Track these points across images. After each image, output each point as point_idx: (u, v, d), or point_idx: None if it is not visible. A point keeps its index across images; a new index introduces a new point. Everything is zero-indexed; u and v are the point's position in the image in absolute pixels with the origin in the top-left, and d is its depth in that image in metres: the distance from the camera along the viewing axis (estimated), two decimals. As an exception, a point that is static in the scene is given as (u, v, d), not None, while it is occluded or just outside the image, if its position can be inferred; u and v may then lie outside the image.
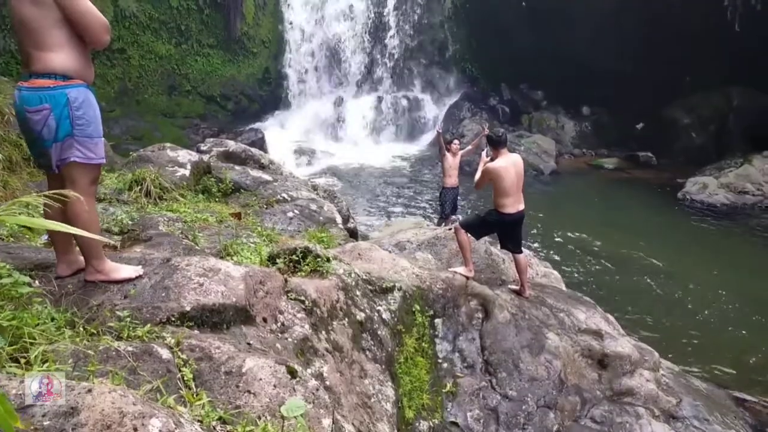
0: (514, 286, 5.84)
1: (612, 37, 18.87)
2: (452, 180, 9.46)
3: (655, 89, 18.66)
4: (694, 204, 15.18)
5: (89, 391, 1.48)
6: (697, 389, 6.02)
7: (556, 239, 12.37)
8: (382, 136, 20.83)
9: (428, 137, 20.86)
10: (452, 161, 9.45)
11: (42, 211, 4.20)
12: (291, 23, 21.29)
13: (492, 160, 5.65)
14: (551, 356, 5.16)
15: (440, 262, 5.76)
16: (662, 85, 18.59)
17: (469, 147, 10.16)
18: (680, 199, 15.46)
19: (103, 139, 2.64)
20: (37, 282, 2.71)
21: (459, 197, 10.13)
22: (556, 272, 7.47)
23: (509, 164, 5.47)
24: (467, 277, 5.39)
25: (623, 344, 5.55)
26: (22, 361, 1.84)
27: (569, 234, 12.60)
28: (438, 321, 4.92)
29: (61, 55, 2.43)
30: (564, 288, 6.98)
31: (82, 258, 2.86)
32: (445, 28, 22.99)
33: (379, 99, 21.46)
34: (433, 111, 21.80)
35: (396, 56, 22.23)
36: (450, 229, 8.47)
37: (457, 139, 9.62)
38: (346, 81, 22.00)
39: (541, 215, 13.04)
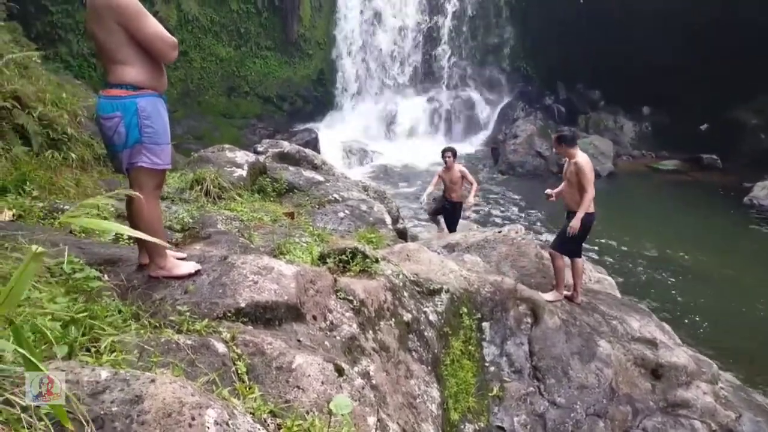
0: (566, 292, 5.74)
1: (675, 35, 18.13)
2: (455, 195, 8.35)
3: (720, 89, 17.80)
4: (762, 209, 14.38)
5: (152, 381, 1.60)
6: (759, 405, 5.74)
7: (612, 244, 12.01)
8: (433, 136, 20.79)
9: (482, 137, 20.69)
10: (449, 175, 8.32)
11: (111, 210, 4.48)
12: (345, 24, 21.57)
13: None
14: (602, 364, 5.05)
15: (489, 264, 5.74)
16: (728, 85, 17.71)
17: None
18: (746, 204, 14.68)
19: (169, 145, 2.81)
20: (105, 276, 2.91)
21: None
22: (610, 278, 7.28)
23: None
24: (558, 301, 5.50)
25: (679, 354, 5.36)
26: (93, 350, 2.00)
27: (625, 238, 12.21)
28: (485, 324, 4.91)
29: (132, 69, 2.61)
30: (618, 295, 6.80)
31: None
32: (500, 27, 22.71)
33: (432, 99, 21.45)
34: (486, 111, 21.60)
35: (449, 56, 22.15)
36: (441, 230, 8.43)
37: (450, 151, 8.26)
38: (399, 81, 22.09)
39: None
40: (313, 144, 17.70)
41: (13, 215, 3.97)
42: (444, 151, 8.29)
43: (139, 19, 2.56)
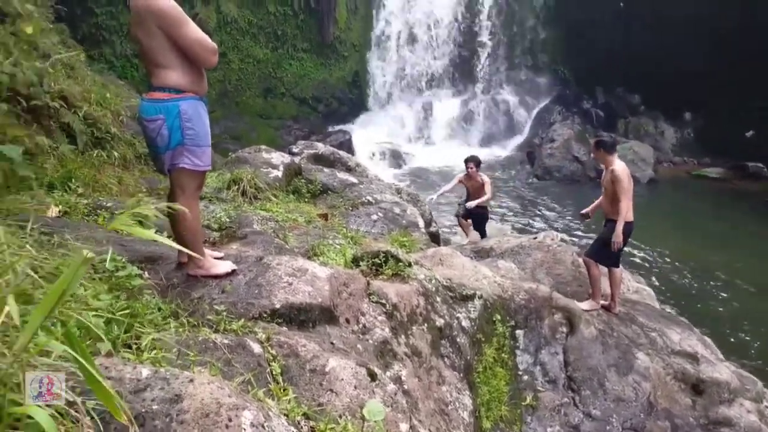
0: (603, 301, 5.61)
1: (719, 39, 17.57)
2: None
3: (761, 94, 17.15)
4: (813, 221, 13.79)
5: (191, 380, 1.62)
6: (807, 426, 5.48)
7: (651, 253, 11.69)
8: (468, 139, 20.66)
9: (517, 140, 20.44)
10: (471, 183, 8.37)
11: (153, 208, 4.58)
12: (381, 26, 21.64)
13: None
14: (640, 377, 4.92)
15: (524, 271, 5.65)
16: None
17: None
18: (796, 215, 14.10)
19: (210, 147, 2.86)
20: (146, 273, 2.97)
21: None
22: (649, 288, 7.09)
23: None
24: (595, 310, 5.38)
25: (721, 370, 5.17)
26: (134, 347, 2.04)
27: (666, 248, 11.87)
28: (519, 332, 4.83)
29: (175, 72, 2.68)
30: (657, 306, 6.61)
31: None
32: (537, 29, 22.42)
33: (467, 101, 21.32)
34: (522, 114, 21.34)
35: (486, 58, 21.98)
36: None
37: (472, 161, 8.18)
38: (434, 83, 22.03)
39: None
40: (347, 145, 17.80)
41: (60, 212, 4.09)
42: (467, 162, 8.23)
43: (181, 25, 2.62)
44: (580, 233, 12.56)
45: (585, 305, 5.44)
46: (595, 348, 5.09)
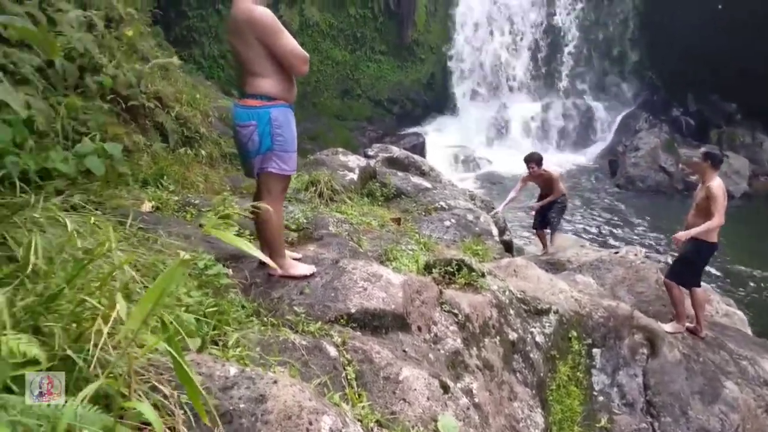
0: (688, 324, 5.29)
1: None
2: (552, 194, 7.87)
3: None
4: None
5: (275, 382, 1.68)
6: None
7: (743, 273, 10.88)
8: (546, 145, 20.04)
9: (598, 148, 19.64)
10: (538, 180, 8.00)
11: (236, 206, 4.79)
12: (459, 29, 21.48)
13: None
14: (727, 408, 4.60)
15: (603, 287, 5.43)
16: None
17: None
18: None
19: (296, 152, 2.97)
20: (230, 271, 3.11)
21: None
22: (740, 312, 6.61)
23: None
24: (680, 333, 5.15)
25: (823, 408, 4.74)
26: (221, 343, 2.14)
27: (759, 269, 11.01)
28: (596, 351, 4.65)
29: (268, 81, 2.79)
30: (749, 332, 6.15)
31: None
32: (624, 32, 21.44)
33: (547, 106, 20.70)
34: (605, 120, 20.46)
35: (568, 62, 21.28)
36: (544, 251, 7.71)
37: (532, 161, 7.76)
38: (513, 86, 21.59)
39: (724, 243, 11.57)
40: (420, 148, 17.79)
41: (153, 207, 4.36)
42: (526, 162, 7.78)
43: (277, 36, 2.73)
44: (665, 250, 11.86)
45: (669, 327, 5.16)
46: (678, 373, 4.82)
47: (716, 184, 4.90)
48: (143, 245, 3.02)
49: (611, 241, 12.32)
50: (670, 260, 7.82)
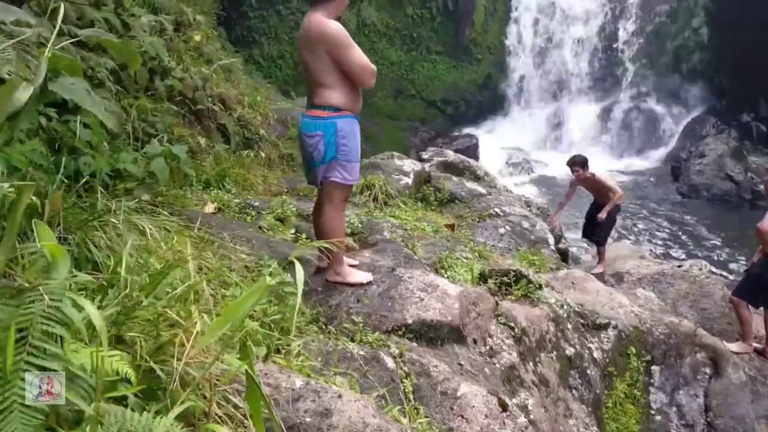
0: (756, 344, 5.04)
1: None
2: (604, 199, 7.16)
3: None
4: None
5: (340, 396, 1.72)
6: None
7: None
8: (606, 149, 19.38)
9: (661, 153, 18.85)
10: (585, 183, 7.44)
11: (293, 209, 4.90)
12: (519, 30, 21.11)
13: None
14: (798, 436, 4.35)
15: (664, 302, 5.24)
16: None
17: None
18: None
19: (359, 162, 3.02)
20: (289, 276, 3.18)
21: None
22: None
23: None
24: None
25: None
26: (283, 351, 2.20)
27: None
28: (655, 368, 4.49)
29: (335, 92, 2.86)
30: (824, 355, 5.77)
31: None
32: (692, 32, 20.49)
33: (608, 109, 20.02)
34: (668, 124, 19.61)
35: (630, 63, 20.52)
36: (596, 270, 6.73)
37: (577, 164, 7.24)
38: (572, 88, 21.01)
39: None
40: (473, 150, 17.59)
41: (215, 208, 4.52)
42: (571, 165, 7.25)
43: (347, 50, 2.78)
44: (732, 265, 11.24)
45: (734, 347, 4.92)
46: (743, 395, 4.60)
47: None
48: (209, 247, 3.14)
49: (673, 252, 11.83)
50: (732, 276, 7.44)
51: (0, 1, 2.21)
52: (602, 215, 6.80)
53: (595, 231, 7.07)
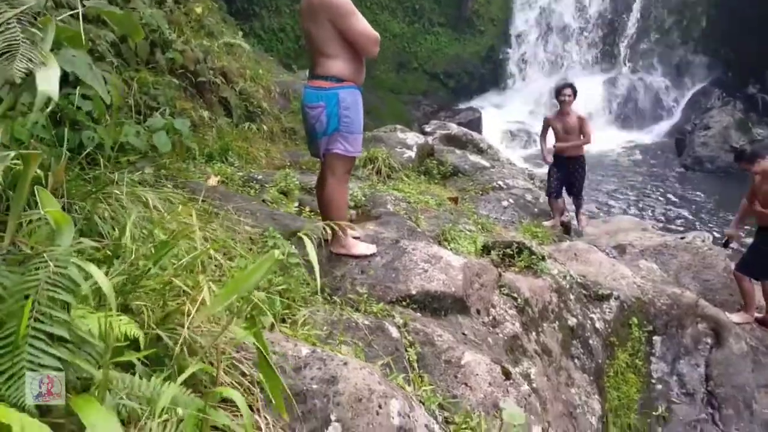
0: (757, 314, 5.06)
1: None
2: (570, 149, 6.54)
3: None
4: None
5: (345, 364, 1.74)
6: None
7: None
8: (610, 122, 19.21)
9: (665, 126, 18.69)
10: (563, 122, 6.53)
11: (297, 182, 4.88)
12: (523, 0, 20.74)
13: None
14: (798, 405, 4.41)
15: (667, 274, 5.25)
16: None
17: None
18: None
19: (362, 134, 3.00)
20: (293, 247, 3.19)
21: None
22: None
23: None
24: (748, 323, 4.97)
25: None
26: (289, 321, 2.22)
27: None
28: (657, 339, 4.53)
29: (338, 62, 2.82)
30: (825, 326, 5.81)
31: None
32: (697, 2, 20.09)
33: (612, 81, 19.78)
34: (673, 96, 19.39)
35: (634, 34, 20.18)
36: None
37: (569, 87, 6.37)
38: (575, 59, 20.73)
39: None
40: (476, 123, 17.45)
41: (218, 181, 4.51)
42: (562, 88, 6.36)
43: (350, 18, 2.75)
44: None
45: (736, 317, 4.95)
46: (744, 365, 4.64)
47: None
48: (213, 219, 3.15)
49: (676, 225, 11.81)
50: (735, 245, 7.39)
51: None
52: (557, 146, 6.43)
53: (574, 183, 6.59)
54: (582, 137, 6.48)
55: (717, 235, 10.36)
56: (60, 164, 2.52)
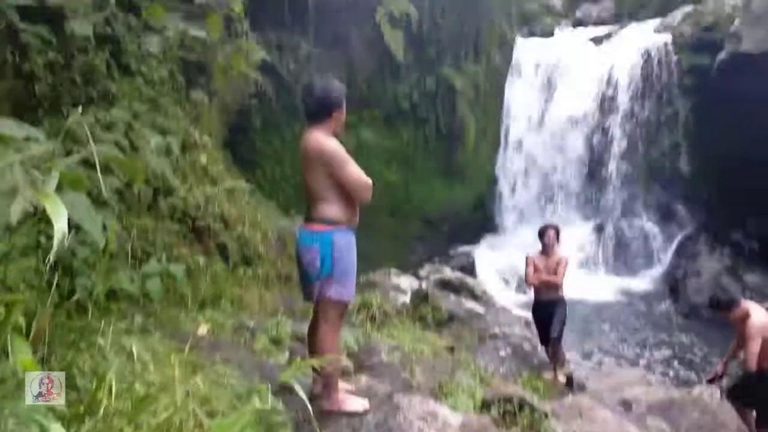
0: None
1: None
2: (552, 292, 6.30)
3: None
4: None
5: None
6: None
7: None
8: (599, 268, 19.45)
9: (656, 272, 18.88)
10: (546, 262, 6.36)
11: (288, 331, 4.77)
12: (510, 151, 22.08)
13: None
14: None
15: (677, 433, 4.95)
16: None
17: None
18: None
19: (354, 279, 3.00)
20: (281, 404, 3.01)
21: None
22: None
23: None
24: None
25: None
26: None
27: None
28: None
29: (332, 206, 2.94)
30: None
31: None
32: (678, 148, 21.37)
33: (599, 227, 20.41)
34: (660, 242, 19.86)
35: (620, 180, 21.19)
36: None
37: (552, 228, 6.49)
38: (563, 207, 21.56)
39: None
40: (470, 268, 17.59)
41: (208, 330, 4.40)
42: (545, 229, 6.41)
43: (344, 166, 2.91)
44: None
45: None
46: None
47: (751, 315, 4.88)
48: (199, 371, 3.01)
49: (681, 376, 11.38)
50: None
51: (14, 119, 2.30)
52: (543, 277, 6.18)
53: (554, 325, 6.01)
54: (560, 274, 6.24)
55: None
56: (44, 313, 2.47)
